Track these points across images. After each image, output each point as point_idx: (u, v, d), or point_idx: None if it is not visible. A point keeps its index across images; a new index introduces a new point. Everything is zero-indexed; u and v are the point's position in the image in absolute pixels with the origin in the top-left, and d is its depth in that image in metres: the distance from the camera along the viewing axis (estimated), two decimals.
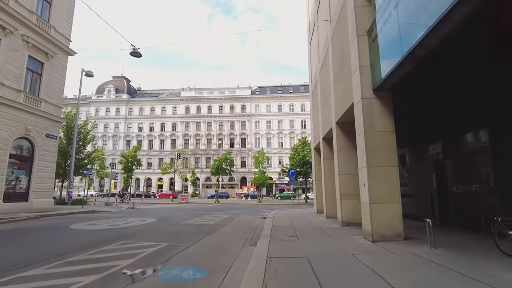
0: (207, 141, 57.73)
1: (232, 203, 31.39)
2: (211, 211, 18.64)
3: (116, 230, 8.90)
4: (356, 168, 9.97)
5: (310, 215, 13.89)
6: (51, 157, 17.90)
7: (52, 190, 18.19)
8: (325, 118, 12.36)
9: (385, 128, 6.96)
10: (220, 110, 59.00)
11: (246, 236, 8.08)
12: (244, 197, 43.86)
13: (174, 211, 17.92)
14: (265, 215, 15.31)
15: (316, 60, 14.50)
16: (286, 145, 54.34)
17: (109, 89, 62.27)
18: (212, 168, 34.23)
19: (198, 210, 19.93)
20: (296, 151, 31.93)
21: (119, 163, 38.66)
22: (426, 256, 4.96)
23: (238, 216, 14.83)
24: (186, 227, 9.93)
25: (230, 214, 15.69)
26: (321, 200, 14.58)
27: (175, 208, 22.25)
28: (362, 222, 7.19)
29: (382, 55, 6.71)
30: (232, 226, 10.24)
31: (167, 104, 60.34)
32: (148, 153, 58.13)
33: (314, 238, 7.27)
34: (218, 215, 14.88)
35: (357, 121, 7.46)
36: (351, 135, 10.01)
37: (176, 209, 20.17)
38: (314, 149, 16.03)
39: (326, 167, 12.81)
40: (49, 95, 17.71)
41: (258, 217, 14.05)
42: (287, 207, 23.37)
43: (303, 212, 16.35)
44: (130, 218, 12.99)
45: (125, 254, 5.53)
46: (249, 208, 22.53)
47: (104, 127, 60.22)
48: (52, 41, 17.67)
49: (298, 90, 59.46)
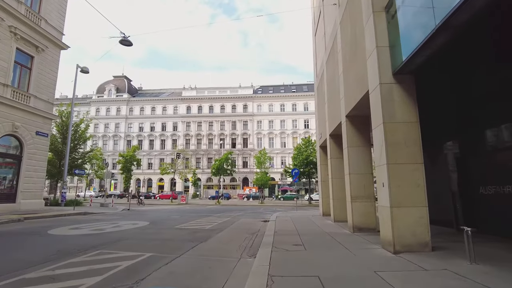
0: (209, 141, 56.79)
1: (233, 204, 30.38)
2: (210, 213, 17.63)
3: (99, 235, 7.91)
4: (369, 166, 8.94)
5: (316, 219, 12.83)
6: (42, 156, 16.99)
7: (42, 191, 17.28)
8: (333, 112, 11.32)
9: (408, 118, 5.90)
10: (222, 109, 58.04)
11: (245, 244, 7.05)
12: (246, 198, 42.82)
13: (171, 213, 16.93)
14: (267, 217, 14.28)
15: (322, 51, 13.46)
16: (289, 145, 53.23)
17: (109, 88, 61.57)
18: (212, 168, 33.13)
19: (197, 211, 18.93)
20: (299, 150, 30.80)
21: (117, 162, 37.76)
22: (470, 276, 3.90)
23: (238, 219, 13.81)
24: (178, 232, 8.92)
25: (230, 217, 14.67)
26: (327, 202, 13.51)
27: (174, 209, 21.27)
28: (380, 229, 6.14)
29: (404, 33, 5.67)
30: (230, 231, 9.21)
31: (168, 103, 59.49)
32: (149, 153, 57.30)
33: (324, 247, 6.22)
34: (217, 218, 13.87)
35: (373, 112, 6.41)
36: (363, 129, 8.97)
37: (174, 211, 19.18)
38: (320, 147, 14.97)
39: (333, 166, 11.75)
40: (39, 91, 16.81)
41: (259, 220, 13.02)
42: (290, 209, 22.30)
43: (308, 214, 15.29)
44: (121, 221, 12.01)
45: (94, 269, 4.52)
46: (251, 210, 21.49)
47: (105, 127, 59.45)
48: (42, 34, 16.78)
49: (301, 90, 58.37)
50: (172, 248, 6.26)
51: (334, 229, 9.25)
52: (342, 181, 11.50)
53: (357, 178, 8.65)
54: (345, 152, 9.11)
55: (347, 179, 8.86)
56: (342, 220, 11.06)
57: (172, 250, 6.09)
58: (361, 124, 8.93)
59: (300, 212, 17.33)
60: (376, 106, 6.22)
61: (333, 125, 11.28)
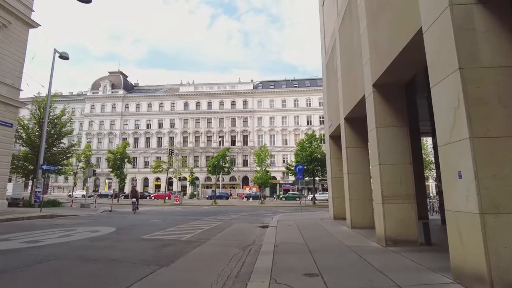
0: (207, 139, 54.31)
1: (231, 205, 27.88)
2: (201, 215, 15.17)
3: (12, 255, 5.44)
4: (406, 154, 6.41)
5: (327, 224, 10.34)
6: (4, 149, 14.59)
7: (4, 189, 14.87)
8: (350, 88, 8.83)
9: (505, 61, 3.44)
10: (221, 106, 55.55)
11: (229, 268, 4.59)
12: (246, 198, 40.34)
13: (155, 216, 14.49)
14: (266, 221, 11.81)
15: (334, 17, 10.97)
16: (291, 142, 50.66)
17: (104, 84, 59.24)
18: (208, 165, 30.32)
19: (186, 214, 16.49)
20: (302, 146, 28.16)
21: (105, 160, 35.25)
22: None
23: (231, 223, 11.34)
24: (141, 246, 6.46)
25: (222, 221, 12.21)
26: (340, 203, 11.02)
27: (162, 211, 18.83)
28: (452, 250, 3.67)
29: None
30: (214, 245, 6.74)
31: (165, 100, 57.05)
32: (145, 151, 54.96)
33: (356, 279, 3.75)
34: (206, 223, 11.41)
35: (432, 56, 3.96)
36: (399, 103, 6.49)
37: (161, 213, 16.75)
38: (330, 137, 12.48)
39: (350, 157, 9.26)
40: (2, 73, 14.40)
41: (256, 226, 10.55)
42: (294, 210, 19.83)
43: (315, 217, 12.80)
44: (83, 227, 9.59)
45: None
46: (249, 212, 19.02)
47: (100, 125, 57.28)
48: (4, 7, 14.38)
49: (303, 85, 55.84)
50: (111, 278, 3.84)
51: (356, 240, 6.78)
52: (363, 176, 9.06)
53: (391, 170, 6.16)
54: (372, 135, 6.63)
55: (376, 171, 6.36)
56: (363, 226, 8.62)
57: (108, 282, 3.65)
58: (395, 95, 6.45)
59: (305, 215, 14.84)
60: (433, 47, 3.76)
61: (350, 105, 8.79)
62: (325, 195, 42.31)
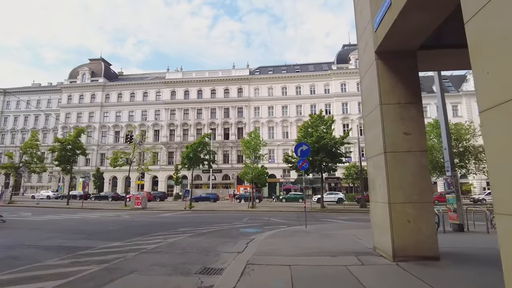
0: (197, 132, 47.43)
1: (209, 210, 20.96)
2: (121, 235, 8.40)
3: None
4: None
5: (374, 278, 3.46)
6: None
7: None
8: None
9: None
10: (212, 94, 48.70)
11: None
12: (238, 200, 33.49)
13: (68, 229, 7.73)
14: (223, 260, 4.97)
15: None
16: (293, 135, 43.62)
17: (83, 72, 52.70)
18: (183, 157, 22.92)
19: (126, 226, 9.72)
20: (306, 131, 21.04)
21: (48, 150, 28.49)
22: None
23: (136, 263, 4.51)
24: None
25: (136, 252, 5.41)
26: (414, 215, 4.12)
27: (99, 220, 12.06)
28: None
29: None
30: None
31: (149, 88, 50.33)
32: (126, 146, 48.19)
33: None
34: (91, 262, 4.62)
35: None
36: None
37: (87, 224, 9.99)
38: (376, 53, 5.57)
39: None
40: None
41: (193, 274, 3.74)
42: (295, 219, 13.04)
43: (338, 246, 5.93)
44: None
45: None
46: (220, 224, 12.18)
47: (77, 117, 50.81)
48: None
49: (306, 69, 48.90)
50: None
51: None
52: None
53: None
54: None
55: None
56: None
57: None
58: None
59: (313, 234, 8.00)
60: None
61: None
62: (333, 195, 34.53)
